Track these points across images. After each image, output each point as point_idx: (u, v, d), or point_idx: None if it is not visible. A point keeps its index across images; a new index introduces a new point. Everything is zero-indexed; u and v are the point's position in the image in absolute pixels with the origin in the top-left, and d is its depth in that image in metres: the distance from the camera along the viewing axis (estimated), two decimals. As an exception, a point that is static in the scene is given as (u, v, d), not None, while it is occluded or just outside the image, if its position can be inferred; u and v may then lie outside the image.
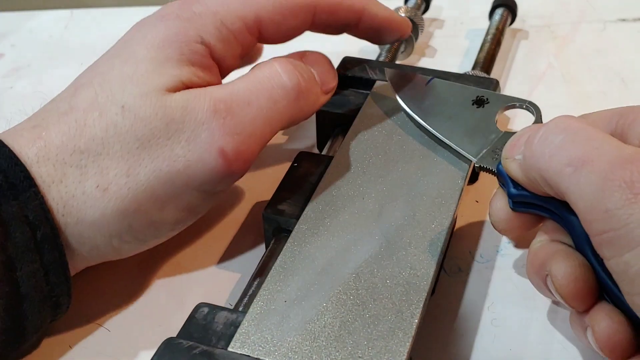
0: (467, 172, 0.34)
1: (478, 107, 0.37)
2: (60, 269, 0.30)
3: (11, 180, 0.28)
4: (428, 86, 0.39)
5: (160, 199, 0.31)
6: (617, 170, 0.25)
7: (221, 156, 0.31)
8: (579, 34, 0.55)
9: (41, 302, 0.29)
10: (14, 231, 0.28)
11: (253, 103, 0.32)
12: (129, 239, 0.32)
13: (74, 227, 0.30)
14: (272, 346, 0.27)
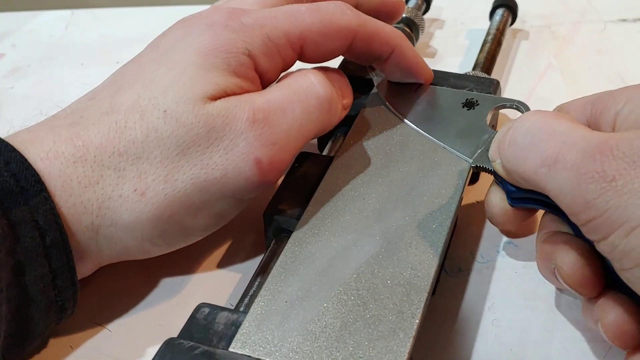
0: (467, 173, 0.34)
1: (469, 110, 0.37)
2: (68, 274, 0.30)
3: (22, 184, 0.28)
4: (417, 92, 0.39)
5: (195, 206, 0.31)
6: (588, 163, 0.26)
7: (257, 166, 0.31)
8: (579, 34, 0.55)
9: (47, 306, 0.29)
10: (23, 236, 0.28)
11: (288, 113, 0.32)
12: (159, 243, 0.32)
13: (107, 229, 0.31)
14: (273, 346, 0.27)
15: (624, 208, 0.25)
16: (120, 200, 0.30)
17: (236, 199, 0.32)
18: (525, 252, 0.36)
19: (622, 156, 0.26)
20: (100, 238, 0.31)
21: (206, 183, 0.31)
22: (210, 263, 0.36)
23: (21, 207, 0.28)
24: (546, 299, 0.34)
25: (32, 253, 0.28)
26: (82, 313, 0.34)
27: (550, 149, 0.28)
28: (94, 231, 0.30)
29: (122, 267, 0.36)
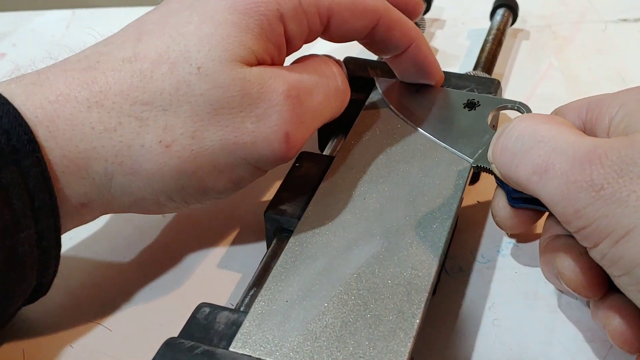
0: (468, 173, 0.34)
1: (470, 110, 0.37)
2: (53, 234, 0.29)
3: (14, 143, 0.27)
4: (418, 92, 0.39)
5: (219, 167, 0.31)
6: (577, 172, 0.26)
7: (285, 140, 0.31)
8: (580, 34, 0.55)
9: (30, 267, 0.29)
10: (12, 198, 0.27)
11: (314, 96, 0.33)
12: (176, 199, 0.32)
13: (124, 177, 0.30)
14: (273, 346, 0.27)
15: (611, 217, 0.25)
16: (142, 150, 0.30)
17: (256, 168, 0.32)
18: (526, 252, 0.36)
19: (611, 164, 0.26)
20: (115, 185, 0.30)
21: (234, 147, 0.31)
22: (211, 263, 0.36)
23: (11, 168, 0.27)
24: (547, 299, 0.34)
25: (19, 216, 0.28)
26: (83, 312, 0.34)
27: (540, 157, 0.28)
28: (107, 177, 0.30)
29: (122, 267, 0.36)
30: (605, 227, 0.26)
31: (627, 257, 0.25)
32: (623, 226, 0.25)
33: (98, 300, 0.34)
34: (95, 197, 0.30)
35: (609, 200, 0.25)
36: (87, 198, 0.30)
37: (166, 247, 0.37)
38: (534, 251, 0.36)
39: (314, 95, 0.33)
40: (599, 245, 0.26)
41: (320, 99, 0.33)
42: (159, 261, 0.37)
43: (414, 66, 0.38)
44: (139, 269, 0.36)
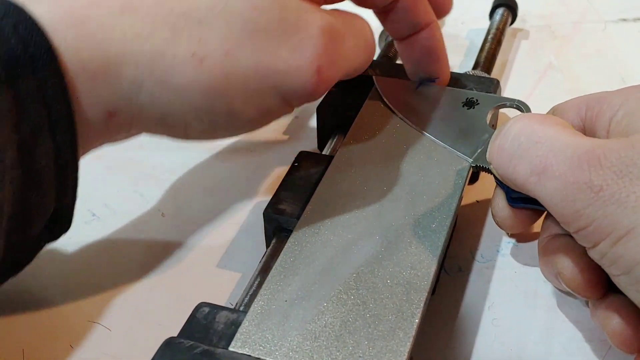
0: (467, 172, 0.34)
1: (469, 109, 0.37)
2: (70, 149, 0.28)
3: (31, 52, 0.26)
4: (417, 91, 0.39)
5: (249, 91, 0.31)
6: (575, 172, 0.27)
7: (317, 74, 0.31)
8: (579, 33, 0.55)
9: (49, 185, 0.28)
10: (29, 110, 0.27)
11: (346, 42, 0.33)
12: (204, 120, 0.31)
13: (153, 87, 0.30)
14: (272, 346, 0.27)
15: (611, 218, 0.25)
16: (174, 61, 0.29)
17: (285, 100, 0.32)
18: (525, 252, 0.36)
19: (610, 165, 0.26)
20: (144, 95, 0.30)
21: (267, 72, 0.31)
22: (210, 262, 0.36)
23: (28, 78, 0.26)
24: (546, 298, 0.34)
25: (37, 129, 0.27)
26: (82, 312, 0.34)
27: (538, 158, 0.28)
28: (136, 85, 0.29)
29: (122, 266, 0.36)
30: (604, 227, 0.26)
31: (627, 257, 0.25)
32: (623, 226, 0.25)
33: (98, 300, 0.34)
34: (123, 106, 0.30)
35: (609, 201, 0.26)
36: (115, 106, 0.30)
37: (166, 246, 0.37)
38: (533, 251, 0.36)
39: (346, 41, 0.33)
40: (599, 245, 0.26)
41: (351, 46, 0.34)
42: (158, 261, 0.36)
43: (427, 51, 0.38)
44: (139, 268, 0.36)
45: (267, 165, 0.43)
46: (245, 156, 0.44)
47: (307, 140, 0.44)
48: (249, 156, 0.44)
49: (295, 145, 0.44)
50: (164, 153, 0.44)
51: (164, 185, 0.41)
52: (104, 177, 0.42)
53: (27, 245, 0.30)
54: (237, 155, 0.44)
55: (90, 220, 0.39)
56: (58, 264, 0.36)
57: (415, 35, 0.37)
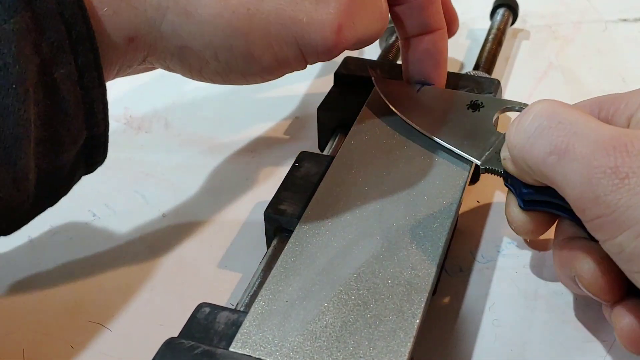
0: (468, 172, 0.34)
1: (474, 112, 0.37)
2: (95, 72, 0.29)
3: None
4: (420, 94, 0.39)
5: (269, 37, 0.31)
6: (600, 157, 0.25)
7: (337, 32, 0.32)
8: (580, 34, 0.55)
9: (76, 108, 0.28)
10: (49, 29, 0.27)
11: (367, 7, 0.34)
12: (221, 59, 0.32)
13: (176, 16, 0.30)
14: (273, 346, 0.27)
15: (635, 208, 0.24)
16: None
17: (302, 54, 0.33)
18: (526, 252, 0.36)
19: (638, 153, 0.25)
20: (166, 23, 0.30)
21: (289, 20, 0.31)
22: (211, 263, 0.36)
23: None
24: (547, 299, 0.34)
25: (57, 49, 0.27)
26: (83, 312, 0.34)
27: (560, 138, 0.27)
28: (160, 12, 0.30)
29: (123, 266, 0.36)
30: (627, 218, 0.25)
31: None
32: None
33: (98, 300, 0.34)
34: (145, 32, 0.30)
35: (634, 190, 0.24)
36: (136, 31, 0.30)
37: (166, 247, 0.37)
38: (533, 251, 0.36)
39: (367, 6, 0.34)
40: (618, 237, 0.25)
41: (369, 12, 0.34)
42: (159, 261, 0.36)
43: (429, 56, 0.38)
44: (139, 268, 0.36)
45: (267, 165, 0.43)
46: (245, 156, 0.44)
47: (307, 141, 0.44)
48: (249, 156, 0.44)
49: (296, 146, 0.44)
50: (164, 153, 0.44)
51: (165, 186, 0.41)
52: (105, 177, 0.42)
53: (60, 174, 0.30)
54: (238, 156, 0.44)
55: (91, 220, 0.39)
56: (59, 264, 0.36)
57: (422, 37, 0.37)
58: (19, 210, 0.28)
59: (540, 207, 0.31)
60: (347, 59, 0.43)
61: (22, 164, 0.27)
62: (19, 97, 0.26)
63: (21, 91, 0.26)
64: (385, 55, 0.47)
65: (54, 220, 0.39)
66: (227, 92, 0.49)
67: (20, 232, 0.30)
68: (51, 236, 0.38)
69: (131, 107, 0.48)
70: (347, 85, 0.41)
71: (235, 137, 0.45)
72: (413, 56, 0.38)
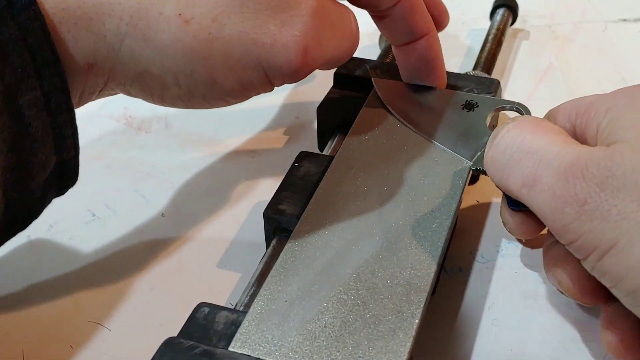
0: (467, 172, 0.34)
1: (469, 111, 0.37)
2: (62, 96, 0.28)
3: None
4: (417, 94, 0.39)
5: (231, 61, 0.30)
6: (562, 186, 0.26)
7: (303, 53, 0.31)
8: (580, 34, 0.55)
9: (44, 133, 0.28)
10: (12, 55, 0.26)
11: (335, 27, 0.33)
12: (182, 84, 0.31)
13: (135, 42, 0.29)
14: (272, 346, 0.27)
15: (595, 232, 0.25)
16: (159, 18, 0.29)
17: (267, 76, 0.32)
18: (525, 252, 0.36)
19: (592, 177, 0.26)
20: (124, 49, 0.29)
21: (252, 44, 0.30)
22: (210, 262, 0.36)
23: (8, 23, 0.26)
24: (546, 299, 0.34)
25: (22, 75, 0.26)
26: (82, 312, 0.34)
27: (529, 169, 0.28)
28: (118, 38, 0.29)
29: (122, 266, 0.36)
30: (590, 241, 0.26)
31: (613, 271, 0.25)
32: (606, 241, 0.25)
33: (97, 300, 0.34)
34: (103, 57, 0.29)
35: (592, 215, 0.25)
36: (95, 58, 0.29)
37: (166, 246, 0.37)
38: (533, 251, 0.36)
39: (335, 26, 0.33)
40: (588, 259, 0.26)
41: (338, 32, 0.33)
42: (158, 261, 0.37)
43: (423, 61, 0.38)
44: (139, 268, 0.36)
45: (267, 165, 0.43)
46: (245, 156, 0.44)
47: (307, 141, 0.44)
48: (249, 156, 0.44)
49: (295, 146, 0.44)
50: (164, 153, 0.44)
51: (164, 186, 0.41)
52: (104, 177, 0.42)
53: (30, 200, 0.30)
54: (238, 156, 0.44)
55: (91, 220, 0.39)
56: (58, 263, 0.36)
57: (413, 44, 0.37)
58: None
59: (526, 208, 0.31)
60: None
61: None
62: None
63: None
64: (385, 56, 0.47)
65: (54, 220, 0.39)
66: (227, 92, 0.49)
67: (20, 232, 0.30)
68: (51, 236, 0.38)
69: (131, 107, 0.48)
70: (347, 85, 0.41)
71: (235, 137, 0.45)
72: (408, 63, 0.39)
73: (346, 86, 0.41)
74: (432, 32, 0.37)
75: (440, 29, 0.41)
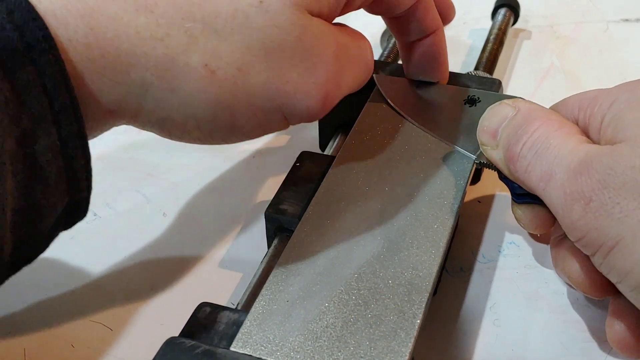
0: (469, 172, 0.34)
1: (471, 106, 0.37)
2: (79, 142, 0.27)
3: (28, 39, 0.25)
4: (419, 89, 0.39)
5: (253, 108, 0.30)
6: (571, 184, 0.27)
7: (323, 99, 0.31)
8: (581, 34, 0.55)
9: (57, 178, 0.27)
10: (29, 101, 0.25)
11: (353, 65, 0.33)
12: (203, 129, 0.31)
13: (160, 92, 0.29)
14: (274, 346, 0.27)
15: (600, 230, 0.26)
16: (185, 69, 0.28)
17: (284, 119, 0.32)
18: (527, 252, 0.36)
19: (596, 175, 0.26)
20: (149, 98, 0.29)
21: (275, 92, 0.30)
22: (212, 262, 0.36)
23: (27, 69, 0.25)
24: (548, 299, 0.34)
25: (39, 120, 0.26)
26: (84, 311, 0.34)
27: (547, 165, 0.28)
28: (143, 88, 0.29)
29: (124, 266, 0.36)
30: (596, 239, 0.26)
31: (618, 267, 0.26)
32: (610, 238, 0.26)
33: (99, 300, 0.34)
34: (126, 106, 0.29)
35: (597, 212, 0.26)
36: (118, 105, 0.29)
37: (167, 246, 0.37)
38: (534, 251, 0.36)
39: (353, 64, 0.33)
40: (595, 256, 0.27)
41: (355, 67, 0.34)
42: (159, 261, 0.37)
43: (430, 56, 0.38)
44: (140, 268, 0.36)
45: (268, 165, 0.43)
46: (246, 156, 0.44)
47: (308, 141, 0.44)
48: (250, 156, 0.44)
49: (296, 145, 0.44)
50: (165, 153, 0.44)
51: (166, 185, 0.41)
52: (106, 177, 0.42)
53: (39, 238, 0.29)
54: (239, 156, 0.44)
55: (92, 220, 0.39)
56: (59, 263, 0.36)
57: (421, 41, 0.37)
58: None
59: (532, 200, 0.31)
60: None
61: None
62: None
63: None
64: (385, 56, 0.47)
65: (55, 219, 0.39)
66: (228, 91, 0.49)
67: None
68: (52, 236, 0.38)
69: (132, 107, 0.48)
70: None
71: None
72: (414, 59, 0.39)
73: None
74: (440, 29, 0.37)
75: (445, 23, 0.41)
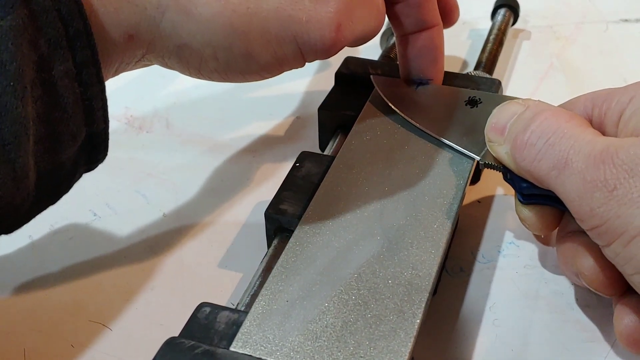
0: (469, 172, 0.34)
1: (472, 108, 0.37)
2: (93, 68, 0.29)
3: None
4: (418, 90, 0.39)
5: (268, 36, 0.32)
6: (592, 171, 0.27)
7: (336, 30, 0.32)
8: (581, 34, 0.55)
9: (75, 104, 0.28)
10: (45, 26, 0.27)
11: (364, 6, 0.34)
12: (220, 58, 0.32)
13: (176, 15, 0.30)
14: (274, 346, 0.27)
15: (623, 218, 0.26)
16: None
17: (300, 52, 0.33)
18: (526, 253, 0.36)
19: (622, 164, 0.26)
20: (165, 21, 0.30)
21: (288, 20, 0.31)
22: (212, 262, 0.36)
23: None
24: (547, 299, 0.34)
25: (55, 46, 0.27)
26: (84, 312, 0.34)
27: (561, 153, 0.28)
28: (159, 10, 0.30)
29: (123, 266, 0.36)
30: (617, 227, 0.26)
31: (639, 257, 0.26)
32: (634, 227, 0.26)
33: (99, 300, 0.35)
34: (144, 29, 0.30)
35: (621, 200, 0.26)
36: (136, 29, 0.30)
37: (167, 246, 0.37)
38: (534, 251, 0.36)
39: (364, 3, 0.34)
40: (612, 245, 0.27)
41: (367, 9, 0.34)
42: (159, 261, 0.37)
43: (425, 52, 0.38)
44: (140, 268, 0.36)
45: (268, 165, 0.43)
46: (246, 156, 0.44)
47: (308, 141, 0.44)
48: (250, 156, 0.44)
49: (296, 146, 0.44)
50: (165, 153, 0.44)
51: (166, 185, 0.41)
52: (106, 177, 0.42)
53: (60, 172, 0.30)
54: (239, 155, 0.44)
55: (92, 220, 0.39)
56: (60, 263, 0.36)
57: (419, 34, 0.38)
58: (20, 209, 0.28)
59: (540, 200, 0.31)
60: (347, 59, 0.43)
61: (22, 162, 0.27)
62: (17, 95, 0.26)
63: (19, 89, 0.26)
64: (385, 56, 0.47)
65: (55, 220, 0.39)
66: (228, 92, 0.49)
67: (21, 232, 0.30)
68: (52, 236, 0.38)
69: (132, 107, 0.48)
70: (348, 85, 0.41)
71: (236, 137, 0.45)
72: (410, 53, 0.39)
73: (347, 86, 0.41)
74: (439, 26, 0.38)
75: (449, 24, 0.41)
